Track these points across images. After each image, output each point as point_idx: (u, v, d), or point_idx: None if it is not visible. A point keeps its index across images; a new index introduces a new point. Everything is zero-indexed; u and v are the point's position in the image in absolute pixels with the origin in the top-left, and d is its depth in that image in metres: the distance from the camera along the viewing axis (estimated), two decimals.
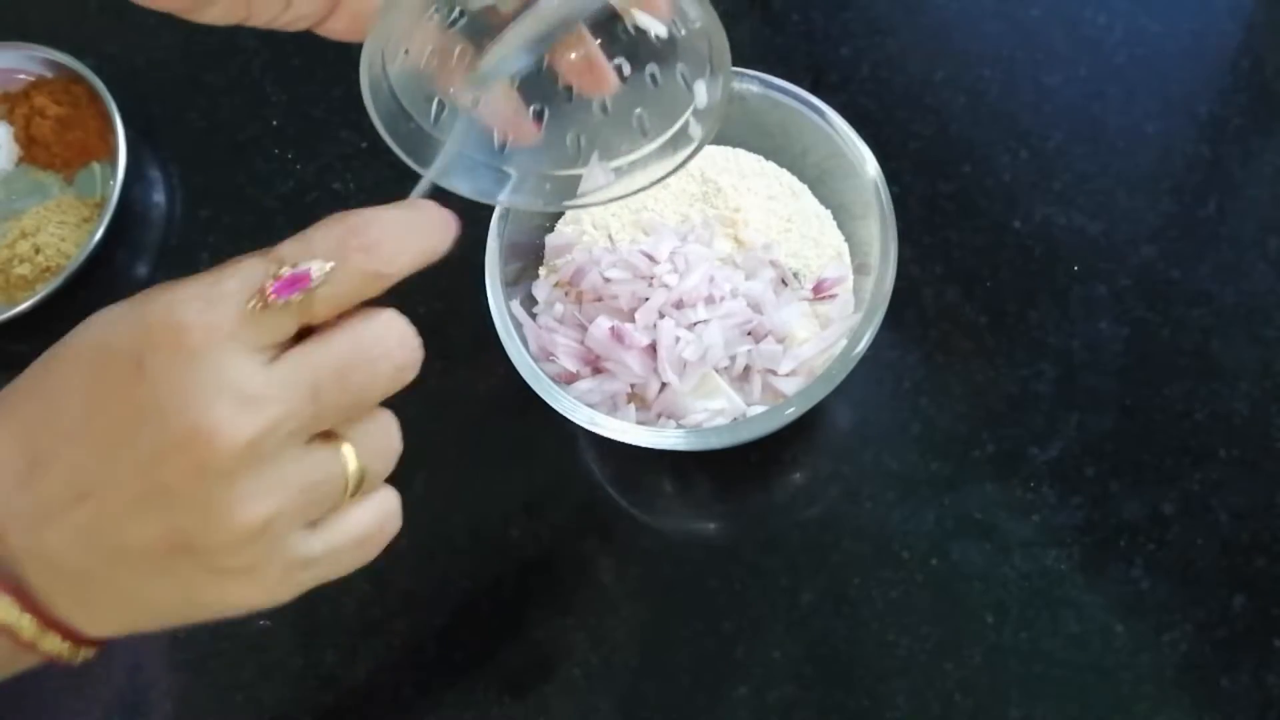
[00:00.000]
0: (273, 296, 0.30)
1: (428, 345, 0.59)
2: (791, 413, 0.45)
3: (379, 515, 0.33)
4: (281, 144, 0.63)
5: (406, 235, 0.32)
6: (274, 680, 0.51)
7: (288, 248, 0.30)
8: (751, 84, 0.51)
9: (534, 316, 0.50)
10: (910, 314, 0.53)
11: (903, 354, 0.53)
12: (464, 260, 0.57)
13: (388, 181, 0.61)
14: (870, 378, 0.52)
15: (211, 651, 0.52)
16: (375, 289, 0.31)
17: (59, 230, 0.61)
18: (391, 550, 0.52)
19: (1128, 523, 0.49)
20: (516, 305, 0.49)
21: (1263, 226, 0.54)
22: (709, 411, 0.47)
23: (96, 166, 0.63)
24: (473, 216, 0.60)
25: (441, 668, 0.51)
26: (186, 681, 0.52)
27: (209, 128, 0.65)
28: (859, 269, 0.51)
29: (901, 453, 0.51)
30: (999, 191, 0.56)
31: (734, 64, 0.51)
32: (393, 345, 0.31)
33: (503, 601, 0.51)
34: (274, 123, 0.64)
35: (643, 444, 0.45)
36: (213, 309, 0.29)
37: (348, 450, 0.31)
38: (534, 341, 0.49)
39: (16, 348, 0.59)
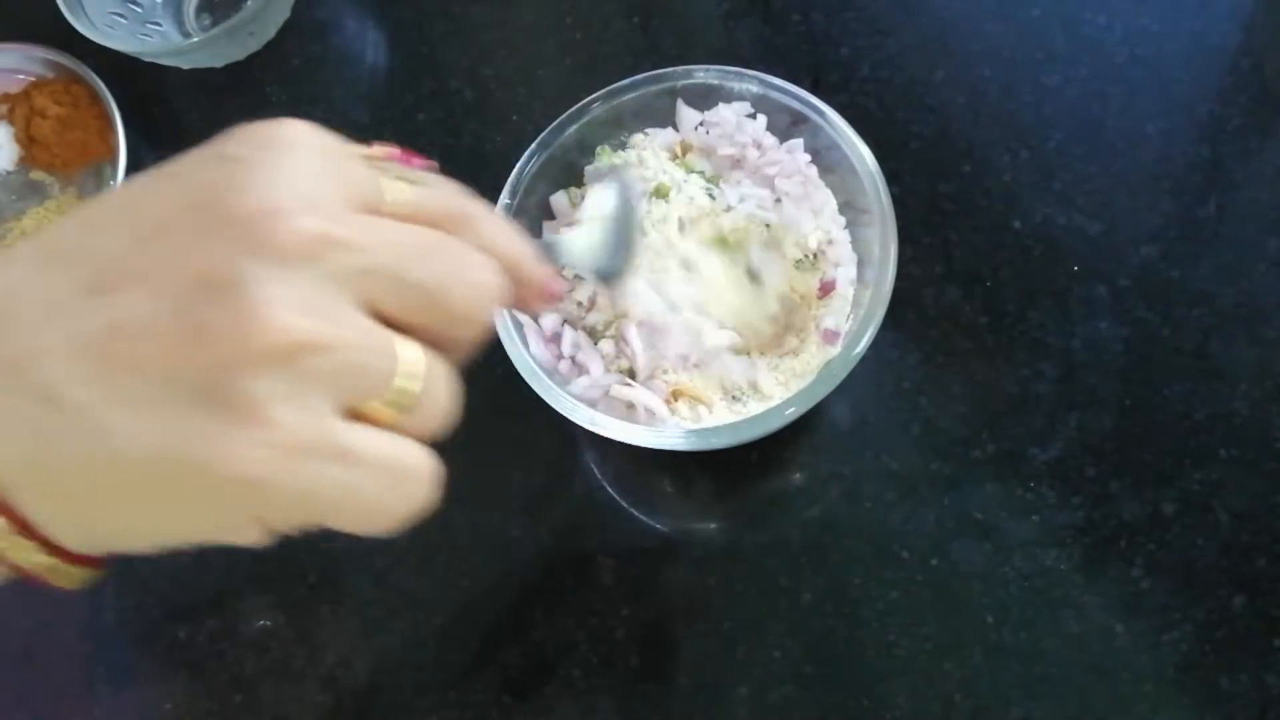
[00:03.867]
0: (384, 155, 0.28)
1: None
2: (791, 413, 0.45)
3: (416, 463, 0.27)
4: None
5: (501, 224, 0.30)
6: (274, 680, 0.51)
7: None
8: (751, 84, 0.51)
9: (535, 317, 0.50)
10: (910, 314, 0.53)
11: (903, 354, 0.53)
12: None
13: None
14: (870, 378, 0.52)
15: (212, 651, 0.52)
16: (459, 228, 0.28)
17: None
18: (391, 550, 0.53)
19: (1128, 523, 0.49)
20: None
21: (1263, 226, 0.54)
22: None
23: (97, 167, 0.64)
24: None
25: (441, 668, 0.51)
26: (186, 681, 0.52)
27: (209, 128, 0.65)
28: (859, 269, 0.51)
29: (901, 453, 0.51)
30: (999, 191, 0.56)
31: (734, 64, 0.51)
32: (478, 263, 0.28)
33: (503, 601, 0.51)
34: None
35: (643, 444, 0.45)
36: (321, 134, 0.27)
37: (404, 349, 0.26)
38: (534, 341, 0.49)
39: None
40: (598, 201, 0.46)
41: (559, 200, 0.53)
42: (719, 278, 0.49)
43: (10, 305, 0.25)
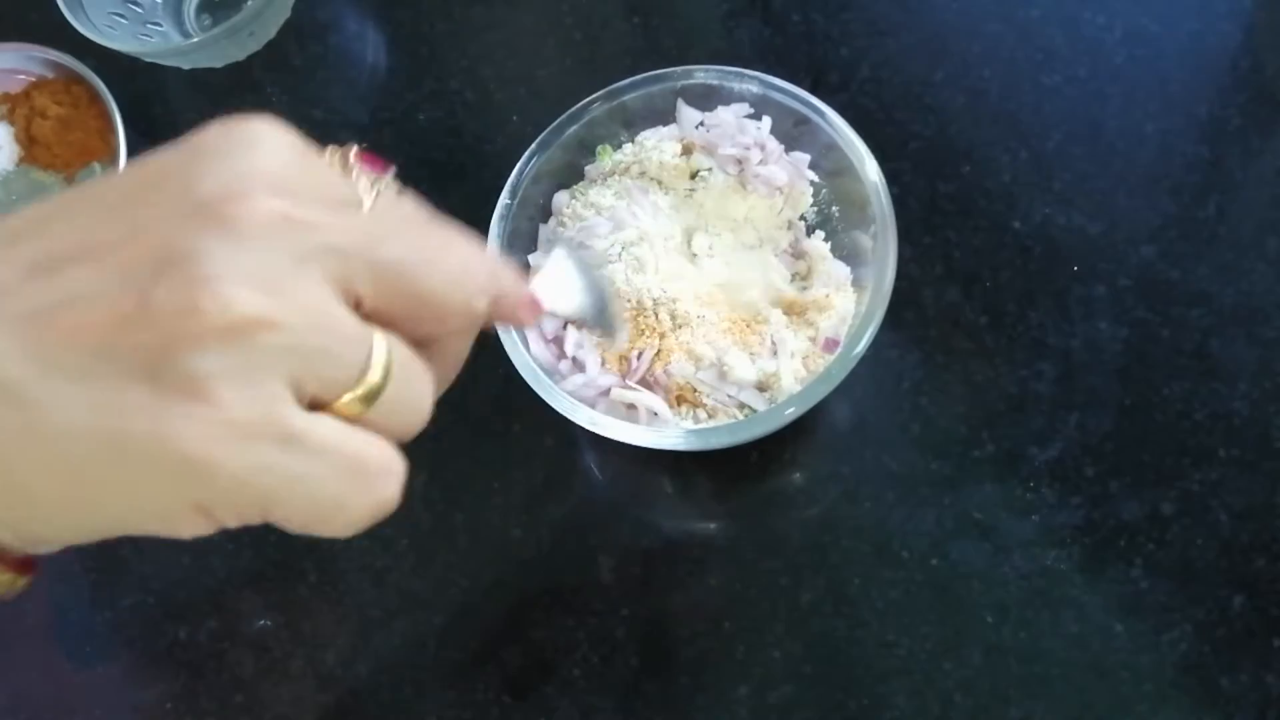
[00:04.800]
0: (354, 157, 0.28)
1: None
2: (791, 413, 0.45)
3: (379, 459, 0.25)
4: None
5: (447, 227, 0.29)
6: (274, 680, 0.51)
7: None
8: (751, 84, 0.51)
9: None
10: (910, 314, 0.53)
11: (903, 354, 0.53)
12: None
13: None
14: (870, 378, 0.52)
15: (211, 652, 0.52)
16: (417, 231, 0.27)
17: None
18: (391, 550, 0.52)
19: (1128, 523, 0.49)
20: None
21: (1263, 226, 0.54)
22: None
23: (97, 167, 0.63)
24: (474, 218, 0.60)
25: (441, 668, 0.51)
26: (186, 681, 0.52)
27: None
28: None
29: (901, 453, 0.51)
30: (999, 191, 0.56)
31: (734, 64, 0.51)
32: (462, 244, 0.27)
33: (503, 601, 0.51)
34: None
35: (643, 444, 0.45)
36: (292, 133, 0.26)
37: (379, 343, 0.25)
38: (534, 341, 0.49)
39: None
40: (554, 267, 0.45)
41: (560, 198, 0.53)
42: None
43: None
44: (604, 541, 0.52)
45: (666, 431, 0.46)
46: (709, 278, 0.50)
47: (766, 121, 0.51)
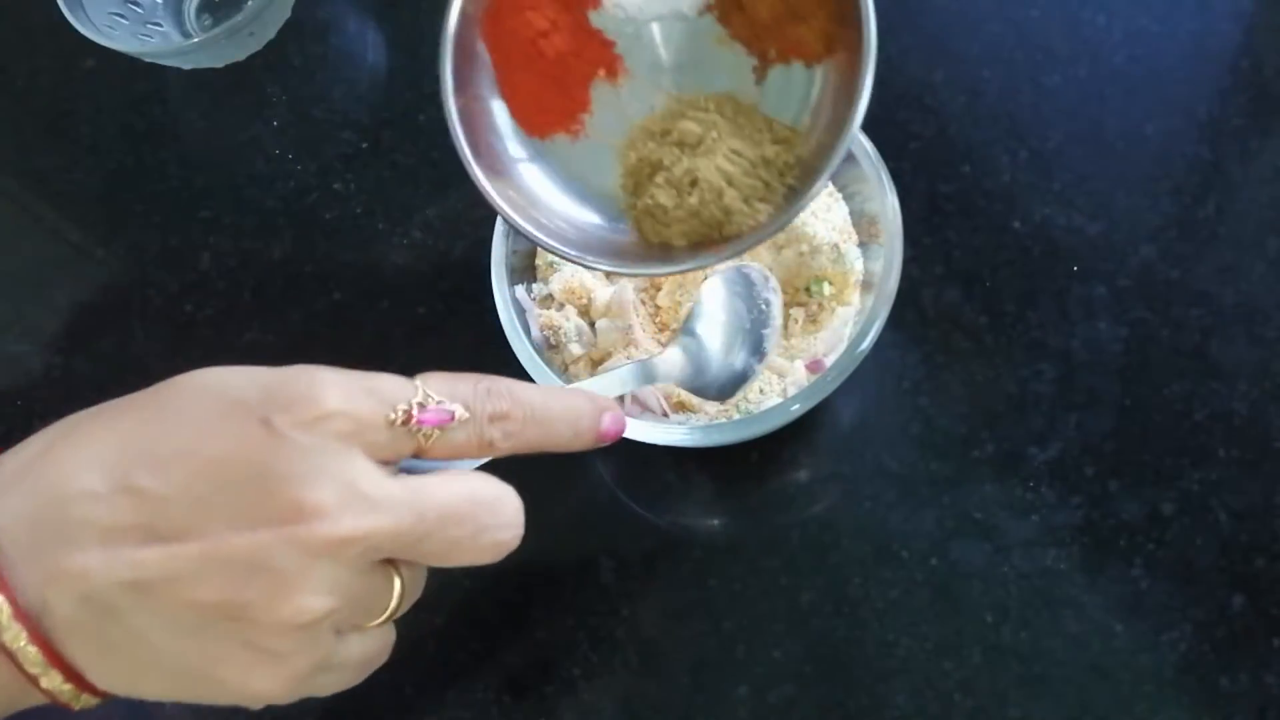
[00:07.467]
0: (417, 421, 0.32)
1: (429, 344, 0.59)
2: (796, 409, 0.45)
3: (384, 645, 0.36)
4: (281, 144, 0.63)
5: (542, 420, 0.35)
6: None
7: (435, 381, 0.33)
8: None
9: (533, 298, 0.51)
10: (910, 314, 0.53)
11: (903, 354, 0.53)
12: (464, 261, 0.57)
13: (389, 182, 0.61)
14: (870, 378, 0.52)
15: None
16: (489, 454, 0.34)
17: None
18: None
19: (1127, 523, 0.49)
20: (521, 290, 0.50)
21: (1262, 226, 0.54)
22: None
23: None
24: (474, 217, 0.60)
25: (441, 668, 0.51)
26: None
27: (209, 128, 0.65)
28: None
29: (901, 453, 0.51)
30: (999, 191, 0.56)
31: None
32: (505, 520, 0.33)
33: (503, 601, 0.51)
34: (274, 123, 0.64)
35: (646, 439, 0.45)
36: (354, 402, 0.31)
37: (399, 584, 0.33)
38: (534, 327, 0.49)
39: (16, 349, 0.59)
40: (707, 302, 0.45)
41: None
42: None
43: (79, 518, 0.29)
44: (604, 541, 0.52)
45: (670, 427, 0.46)
46: None
47: None
